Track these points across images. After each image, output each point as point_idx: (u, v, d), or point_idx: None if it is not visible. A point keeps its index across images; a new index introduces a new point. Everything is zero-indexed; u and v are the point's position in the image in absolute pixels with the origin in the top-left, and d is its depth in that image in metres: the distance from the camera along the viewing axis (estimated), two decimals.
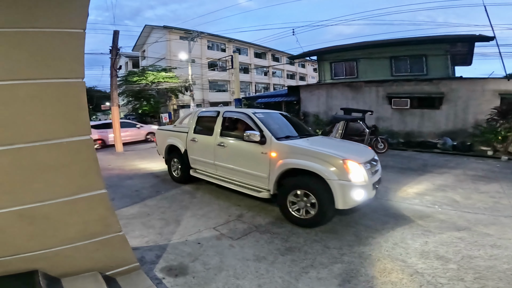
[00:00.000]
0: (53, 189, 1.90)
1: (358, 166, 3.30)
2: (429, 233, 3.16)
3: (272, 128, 4.03)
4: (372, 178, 3.47)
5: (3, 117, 1.69)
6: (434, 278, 2.31)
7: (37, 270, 1.90)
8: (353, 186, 3.18)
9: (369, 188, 3.35)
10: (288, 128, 4.50)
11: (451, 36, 11.98)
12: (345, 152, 3.57)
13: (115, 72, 11.27)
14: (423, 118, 10.93)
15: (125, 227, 3.38)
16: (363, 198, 3.27)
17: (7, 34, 1.63)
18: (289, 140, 3.92)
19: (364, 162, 3.46)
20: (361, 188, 3.23)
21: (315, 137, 4.59)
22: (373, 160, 3.81)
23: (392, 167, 6.93)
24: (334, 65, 14.92)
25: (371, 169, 3.58)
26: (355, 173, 3.23)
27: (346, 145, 4.43)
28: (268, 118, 4.39)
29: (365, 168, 3.38)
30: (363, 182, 3.28)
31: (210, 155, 4.69)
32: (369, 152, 4.04)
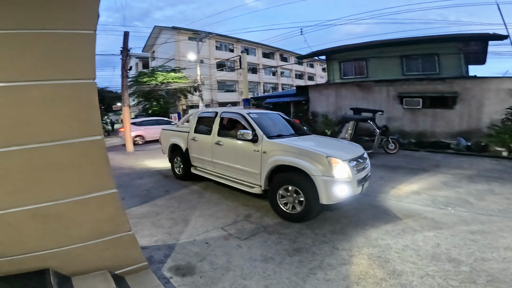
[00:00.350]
0: (65, 188, 1.95)
1: (342, 163, 3.43)
2: (441, 235, 3.09)
3: (264, 127, 4.24)
4: (357, 175, 3.60)
5: (17, 118, 1.74)
6: (445, 280, 2.26)
7: (49, 269, 1.94)
8: (336, 182, 3.34)
9: (353, 184, 3.48)
10: (281, 128, 4.69)
11: (464, 35, 11.66)
12: (331, 149, 3.73)
13: (126, 73, 11.47)
14: (436, 118, 10.67)
15: (135, 226, 3.43)
16: (347, 194, 3.41)
17: (20, 35, 1.68)
18: (280, 139, 4.10)
19: (349, 159, 3.59)
20: (344, 184, 3.38)
21: (308, 135, 4.76)
22: (361, 157, 3.92)
23: (404, 167, 6.80)
24: (343, 65, 14.72)
25: (357, 166, 3.70)
26: (338, 170, 3.38)
27: (335, 143, 4.53)
28: (262, 118, 4.60)
29: (350, 165, 3.51)
30: (347, 178, 3.42)
31: (209, 153, 4.92)
32: (357, 150, 4.14)
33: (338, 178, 3.36)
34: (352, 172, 3.50)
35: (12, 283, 1.83)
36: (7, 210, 1.78)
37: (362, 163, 3.89)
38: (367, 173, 3.93)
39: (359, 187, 3.62)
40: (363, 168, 3.86)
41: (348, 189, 3.42)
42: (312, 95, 14.20)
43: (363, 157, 4.00)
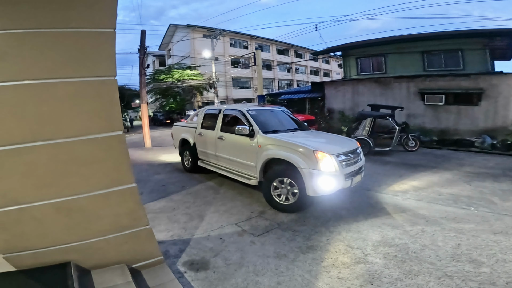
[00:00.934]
0: (88, 182, 2.02)
1: (329, 156, 3.59)
2: (463, 236, 2.97)
3: (261, 123, 4.49)
4: (345, 169, 3.73)
5: (43, 114, 1.83)
6: (464, 281, 2.18)
7: (70, 262, 2.02)
8: (322, 175, 3.50)
9: (340, 178, 3.62)
10: (279, 123, 4.91)
11: (488, 30, 11.03)
12: (320, 144, 3.95)
13: (144, 71, 11.76)
14: (460, 115, 10.19)
15: (152, 221, 3.54)
16: (334, 187, 3.57)
17: (44, 34, 1.75)
18: (274, 134, 4.33)
19: (337, 154, 3.73)
20: (331, 177, 3.54)
21: (305, 131, 4.93)
22: (352, 152, 4.04)
23: (424, 166, 6.56)
24: (360, 61, 14.33)
25: (347, 160, 3.84)
26: (324, 163, 3.53)
27: (328, 138, 4.70)
28: (261, 114, 4.86)
29: (337, 159, 3.66)
30: (333, 172, 3.57)
31: (213, 147, 5.25)
32: (349, 144, 4.23)
33: (324, 171, 3.51)
34: (339, 166, 3.64)
35: (36, 276, 1.90)
36: (32, 204, 1.87)
37: (353, 157, 4.00)
38: (358, 167, 4.05)
39: (347, 181, 3.74)
40: (354, 163, 3.98)
41: (335, 183, 3.57)
42: (328, 92, 13.97)
43: (355, 151, 4.12)
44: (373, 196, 4.40)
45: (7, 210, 1.82)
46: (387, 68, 13.33)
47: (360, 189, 4.80)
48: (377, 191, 4.66)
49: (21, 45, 1.71)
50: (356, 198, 4.35)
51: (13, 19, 1.66)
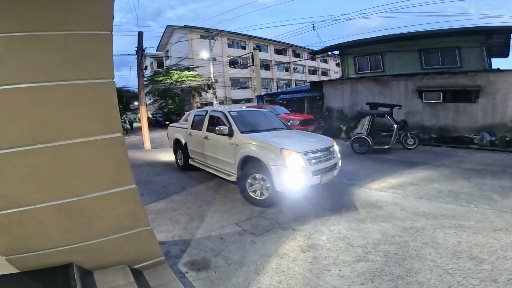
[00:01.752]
0: (88, 184, 2.03)
1: (295, 154, 3.79)
2: (463, 233, 2.98)
3: (240, 123, 4.75)
4: (313, 166, 3.92)
5: (43, 117, 1.83)
6: (465, 278, 2.19)
7: (72, 263, 2.03)
8: (288, 171, 3.69)
9: (307, 174, 3.82)
10: (259, 123, 5.13)
11: (485, 28, 11.11)
12: (289, 142, 4.12)
13: (142, 73, 11.76)
14: (458, 112, 10.23)
15: (153, 222, 3.55)
16: (301, 183, 3.80)
17: (42, 37, 1.75)
18: (251, 133, 4.55)
19: (305, 152, 3.92)
20: (297, 174, 3.73)
21: (283, 130, 5.13)
22: (324, 150, 4.23)
23: (424, 163, 6.58)
24: (358, 59, 14.38)
25: (317, 158, 4.04)
26: (291, 160, 3.73)
27: (302, 137, 4.87)
28: (242, 115, 5.14)
29: (304, 157, 3.85)
30: (300, 168, 3.76)
31: (200, 146, 5.57)
32: (322, 143, 4.40)
33: (291, 168, 3.71)
34: (306, 163, 3.84)
35: (38, 277, 1.91)
36: (34, 206, 1.88)
37: (324, 155, 4.18)
38: (330, 165, 4.22)
39: (315, 177, 3.92)
40: (325, 160, 4.16)
41: (302, 179, 3.78)
42: (326, 91, 13.99)
43: (327, 150, 4.31)
44: (372, 195, 4.42)
45: (9, 213, 1.82)
46: (385, 66, 13.38)
47: (359, 187, 4.82)
48: (377, 190, 4.67)
49: (19, 48, 1.71)
50: (356, 196, 4.36)
51: (10, 22, 1.66)
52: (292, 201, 4.15)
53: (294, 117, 10.61)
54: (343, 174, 5.78)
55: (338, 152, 4.66)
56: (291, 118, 10.38)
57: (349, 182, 5.20)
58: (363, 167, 6.37)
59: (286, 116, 10.72)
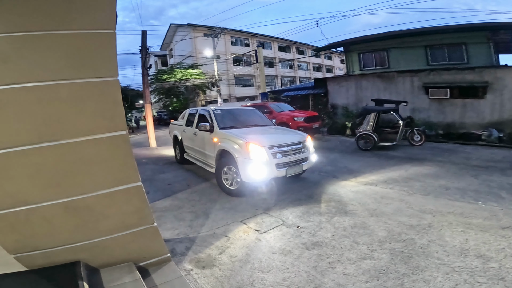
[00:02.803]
0: (94, 181, 2.04)
1: (259, 148, 4.12)
2: (471, 231, 2.93)
3: (221, 121, 5.19)
4: (277, 159, 4.23)
5: (49, 115, 1.85)
6: (472, 277, 2.16)
7: (79, 261, 2.05)
8: (252, 164, 4.05)
9: (271, 167, 4.14)
10: (239, 121, 5.54)
11: (492, 24, 10.89)
12: (257, 137, 4.43)
13: (146, 71, 11.81)
14: (465, 108, 10.06)
15: (158, 220, 3.57)
16: (265, 174, 4.11)
17: (46, 36, 1.76)
18: (228, 129, 4.92)
19: (270, 146, 4.24)
20: (261, 166, 4.06)
21: (262, 127, 5.46)
22: (292, 144, 4.53)
23: (430, 160, 6.49)
24: (363, 56, 14.24)
25: (282, 152, 4.33)
26: (255, 153, 4.08)
27: (274, 132, 5.20)
28: (225, 113, 5.62)
29: (269, 151, 4.18)
30: (264, 161, 4.09)
31: (191, 141, 6.11)
32: (291, 138, 4.71)
33: (255, 160, 4.05)
34: (270, 157, 4.16)
35: (46, 275, 1.93)
36: (41, 204, 1.90)
37: (291, 149, 4.47)
38: (298, 158, 4.52)
39: (280, 170, 4.23)
40: (293, 154, 4.47)
41: (265, 171, 4.10)
42: (331, 87, 13.89)
43: (297, 144, 4.60)
44: (378, 192, 4.38)
45: (16, 211, 1.85)
46: (390, 62, 13.24)
47: (364, 184, 4.78)
48: (383, 187, 4.63)
49: (23, 47, 1.72)
50: (361, 194, 4.33)
51: (14, 22, 1.67)
52: (296, 198, 4.15)
53: (298, 114, 10.56)
54: (347, 171, 5.75)
55: (312, 148, 4.97)
56: (296, 115, 10.33)
57: (354, 179, 5.16)
58: (368, 164, 6.32)
59: (291, 113, 10.68)
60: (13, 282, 1.86)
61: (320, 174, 5.64)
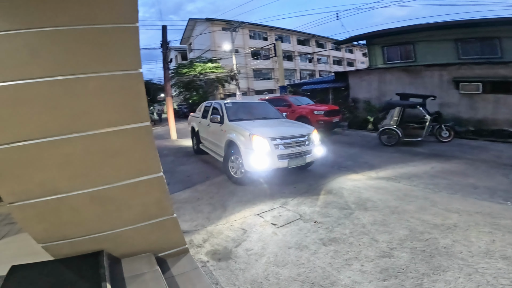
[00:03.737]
0: (118, 172, 2.12)
1: (262, 139, 4.33)
2: (498, 232, 2.76)
3: (231, 113, 5.47)
4: (279, 151, 4.42)
5: (77, 108, 1.93)
6: (495, 278, 2.05)
7: (103, 251, 2.13)
8: (255, 154, 4.27)
9: (273, 157, 4.33)
10: (249, 113, 5.77)
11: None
12: (262, 129, 4.61)
13: (167, 65, 12.06)
14: (498, 104, 9.41)
15: (177, 211, 3.67)
16: (267, 165, 4.31)
17: (72, 31, 1.84)
18: (238, 122, 5.17)
19: (273, 138, 4.44)
20: (263, 156, 4.27)
21: (270, 120, 5.64)
22: (295, 137, 4.68)
23: (459, 158, 6.15)
24: (386, 49, 13.70)
25: (286, 144, 4.51)
26: (257, 144, 4.31)
27: (280, 125, 5.27)
28: (236, 106, 5.91)
29: (271, 142, 4.38)
30: (266, 152, 4.29)
31: (206, 132, 6.42)
32: (296, 131, 4.85)
33: (257, 151, 4.27)
34: (272, 148, 4.36)
35: (71, 264, 2.02)
36: (70, 193, 2.00)
37: (295, 142, 4.62)
38: (301, 151, 4.64)
39: (282, 161, 4.40)
40: (296, 146, 4.61)
41: (267, 161, 4.30)
42: (352, 81, 13.49)
43: (301, 137, 4.75)
44: (401, 189, 4.22)
45: (46, 200, 1.95)
46: (416, 56, 12.67)
47: (386, 180, 4.63)
48: (406, 184, 4.46)
49: (51, 42, 1.80)
50: (383, 190, 4.19)
51: (41, 17, 1.75)
52: (314, 193, 4.10)
53: (318, 107, 10.37)
54: (368, 166, 5.59)
55: (318, 141, 5.07)
56: (316, 108, 10.16)
57: (376, 175, 5.01)
58: (391, 160, 6.10)
59: (310, 106, 10.51)
60: (39, 271, 1.94)
61: (339, 169, 5.53)
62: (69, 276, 1.91)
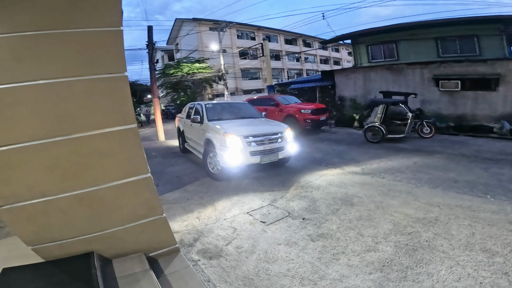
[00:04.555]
0: (106, 173, 2.13)
1: (235, 137, 4.62)
2: (478, 224, 2.91)
3: (211, 113, 5.80)
4: (252, 147, 4.73)
5: (62, 111, 1.93)
6: (476, 271, 2.16)
7: (93, 252, 2.14)
8: (228, 151, 4.57)
9: (245, 154, 4.63)
10: (228, 113, 6.09)
11: (504, 16, 10.61)
12: (236, 128, 4.92)
13: (153, 66, 11.90)
14: (477, 100, 9.84)
15: (167, 211, 3.67)
16: (240, 161, 4.61)
17: (56, 35, 1.83)
18: (215, 121, 5.48)
19: (245, 136, 4.71)
20: (236, 153, 4.56)
21: (247, 119, 5.94)
22: (267, 135, 4.96)
23: (440, 153, 6.40)
24: (371, 48, 14.05)
25: (258, 141, 4.82)
26: (231, 142, 4.60)
27: (255, 124, 5.58)
28: (215, 107, 6.28)
29: (244, 140, 4.66)
30: (239, 149, 4.59)
31: (189, 132, 6.76)
32: (269, 129, 5.15)
33: (231, 148, 4.56)
34: (245, 145, 4.64)
35: (62, 266, 2.01)
36: (58, 196, 2.00)
37: (267, 139, 4.93)
38: (273, 147, 4.95)
39: (255, 158, 4.71)
40: (269, 143, 4.92)
41: (240, 158, 4.59)
42: (338, 80, 13.74)
43: (273, 135, 5.05)
44: (385, 184, 4.37)
45: (34, 203, 1.94)
46: (399, 55, 13.06)
47: (371, 176, 4.77)
48: (390, 179, 4.61)
49: (35, 46, 1.79)
50: (368, 186, 4.32)
51: (24, 21, 1.74)
52: (302, 191, 4.18)
53: (305, 106, 10.50)
54: (355, 163, 5.73)
55: (292, 138, 5.34)
56: (303, 107, 10.28)
57: (362, 171, 5.15)
58: (376, 156, 6.27)
59: (298, 105, 10.62)
60: (31, 273, 1.93)
61: (327, 166, 5.65)
62: (61, 277, 1.91)
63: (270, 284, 2.17)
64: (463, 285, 2.00)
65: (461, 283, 2.03)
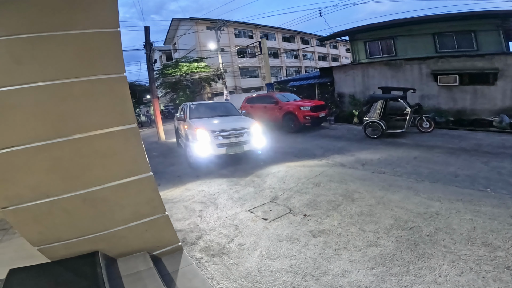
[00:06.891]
0: (108, 173, 2.15)
1: (204, 131, 5.48)
2: (479, 219, 2.92)
3: (193, 112, 6.72)
4: (219, 140, 5.50)
5: (63, 112, 1.95)
6: (478, 265, 2.16)
7: (98, 251, 2.16)
8: (198, 144, 5.46)
9: (212, 146, 5.44)
10: (208, 112, 6.91)
11: (501, 11, 10.63)
12: (207, 124, 5.86)
13: (152, 66, 11.87)
14: (476, 94, 9.85)
15: (170, 210, 3.69)
16: (208, 152, 5.45)
17: (55, 37, 1.84)
18: (196, 119, 6.33)
19: (213, 130, 5.52)
20: (204, 145, 5.42)
21: (224, 116, 6.76)
22: (234, 129, 5.74)
23: (440, 147, 6.41)
24: (369, 44, 14.03)
25: (225, 136, 5.58)
26: (200, 136, 5.48)
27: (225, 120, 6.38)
28: (198, 106, 7.15)
29: (212, 134, 5.46)
30: (207, 142, 5.41)
31: (179, 129, 7.60)
32: (237, 125, 5.96)
33: (200, 141, 5.44)
34: (212, 138, 5.44)
35: (68, 266, 2.04)
36: (61, 196, 2.01)
37: (233, 133, 5.67)
38: (239, 141, 5.69)
39: (220, 149, 5.48)
40: (235, 137, 5.66)
41: (208, 149, 5.42)
42: (337, 76, 13.72)
43: (240, 130, 5.78)
44: (386, 179, 4.38)
45: (39, 203, 1.96)
46: (397, 50, 13.07)
47: (371, 172, 4.78)
48: (391, 174, 4.62)
49: (34, 48, 1.80)
50: (369, 181, 4.33)
51: (23, 24, 1.75)
52: (302, 187, 4.19)
53: (304, 103, 10.50)
54: (355, 159, 5.74)
55: (259, 133, 6.03)
56: (302, 104, 10.28)
57: (362, 167, 5.16)
58: (376, 152, 6.28)
59: (297, 102, 10.62)
60: (37, 273, 1.95)
61: (327, 162, 5.65)
62: (67, 277, 1.94)
63: (273, 280, 2.18)
64: (466, 279, 2.01)
65: (464, 277, 2.04)
